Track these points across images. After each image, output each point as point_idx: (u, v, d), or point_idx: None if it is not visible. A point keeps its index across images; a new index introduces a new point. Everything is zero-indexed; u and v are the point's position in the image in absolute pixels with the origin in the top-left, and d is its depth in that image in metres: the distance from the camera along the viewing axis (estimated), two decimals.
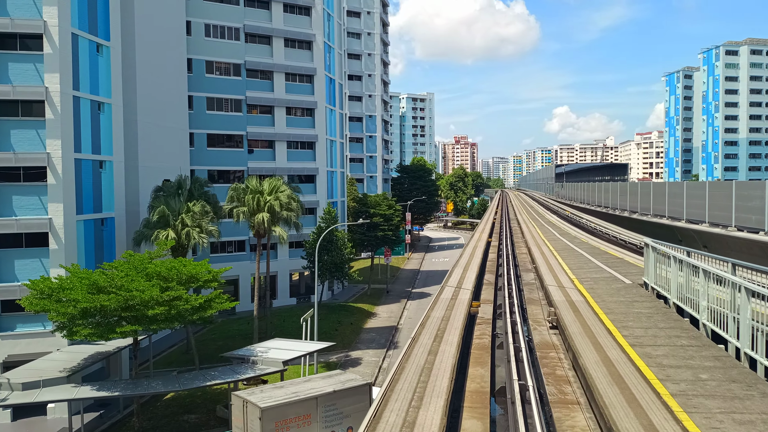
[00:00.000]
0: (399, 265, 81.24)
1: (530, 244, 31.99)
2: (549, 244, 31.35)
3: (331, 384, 21.70)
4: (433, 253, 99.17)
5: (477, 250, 29.80)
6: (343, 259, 48.61)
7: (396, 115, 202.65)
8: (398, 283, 68.43)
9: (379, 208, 57.08)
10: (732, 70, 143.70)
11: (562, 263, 21.76)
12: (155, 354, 41.37)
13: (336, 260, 47.91)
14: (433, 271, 77.55)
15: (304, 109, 57.64)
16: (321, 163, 57.80)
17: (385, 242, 57.95)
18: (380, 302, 57.29)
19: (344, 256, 48.62)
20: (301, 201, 56.39)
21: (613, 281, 16.28)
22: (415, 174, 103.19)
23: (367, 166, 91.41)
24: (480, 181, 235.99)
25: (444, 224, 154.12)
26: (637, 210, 47.06)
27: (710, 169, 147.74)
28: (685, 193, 37.67)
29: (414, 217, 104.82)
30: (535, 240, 34.50)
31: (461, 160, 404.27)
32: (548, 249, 28.60)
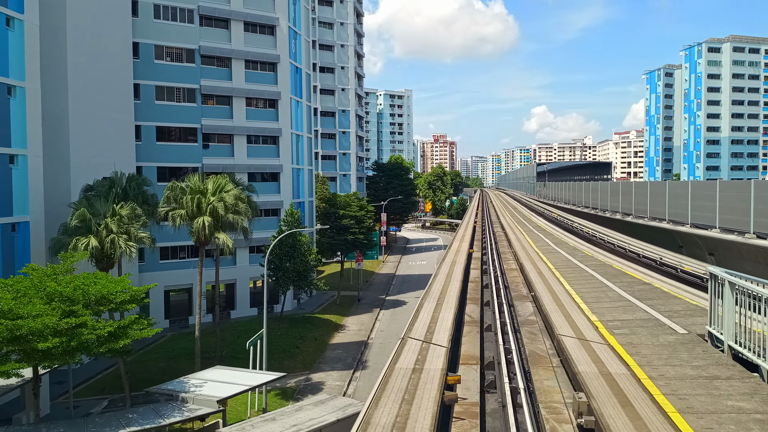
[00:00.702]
0: (373, 269, 76.34)
1: (521, 257, 27.13)
2: (545, 258, 26.52)
3: (328, 411, 17.10)
4: (410, 255, 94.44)
5: (456, 267, 24.94)
6: (307, 267, 43.55)
7: (373, 112, 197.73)
8: (371, 290, 63.48)
9: (350, 209, 52.10)
10: (714, 68, 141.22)
11: (571, 291, 16.78)
12: (87, 378, 35.98)
13: (299, 268, 42.82)
14: (409, 276, 72.77)
15: (267, 101, 52.38)
16: (285, 160, 52.61)
17: (356, 246, 52.99)
18: (350, 312, 52.30)
19: (308, 263, 43.56)
20: (262, 201, 51.35)
21: (657, 328, 11.31)
22: (392, 172, 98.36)
23: (340, 163, 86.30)
24: (459, 180, 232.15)
25: (422, 224, 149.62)
26: (632, 212, 42.70)
27: (692, 168, 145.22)
28: (690, 193, 33.24)
29: (390, 217, 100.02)
30: (526, 251, 29.67)
31: (440, 159, 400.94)
32: (545, 265, 23.74)
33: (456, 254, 29.33)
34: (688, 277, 24.83)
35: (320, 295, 60.28)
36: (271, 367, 35.79)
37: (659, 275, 21.10)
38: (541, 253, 28.71)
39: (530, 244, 32.81)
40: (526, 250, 29.84)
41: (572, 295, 15.97)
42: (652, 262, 29.26)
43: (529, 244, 32.77)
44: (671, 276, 24.54)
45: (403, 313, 52.37)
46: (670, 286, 17.04)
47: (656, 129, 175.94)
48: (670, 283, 18.11)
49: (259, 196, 50.78)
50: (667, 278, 19.91)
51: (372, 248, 55.25)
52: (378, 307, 54.65)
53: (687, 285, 20.70)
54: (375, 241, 55.64)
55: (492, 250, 33.80)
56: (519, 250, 30.26)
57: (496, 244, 36.72)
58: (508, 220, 53.61)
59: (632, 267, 23.07)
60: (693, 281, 24.49)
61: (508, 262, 28.34)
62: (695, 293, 16.61)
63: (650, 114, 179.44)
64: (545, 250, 30.22)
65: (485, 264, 28.44)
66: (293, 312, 50.69)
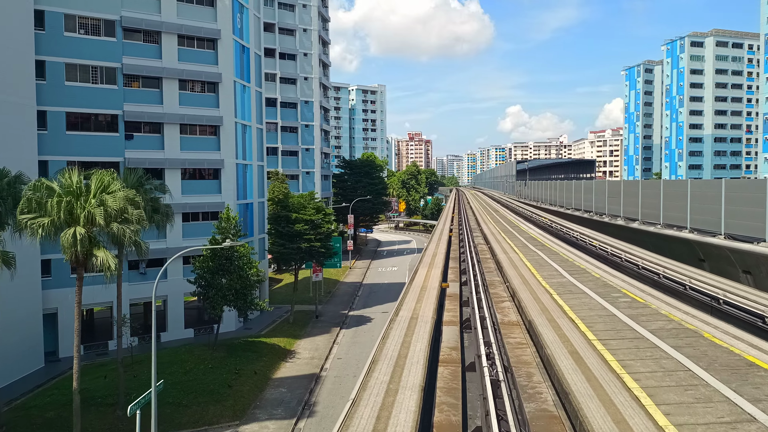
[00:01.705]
0: (338, 278, 68.60)
1: (522, 299, 19.10)
2: (561, 303, 18.50)
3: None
4: (380, 260, 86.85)
5: (418, 325, 17.37)
6: (247, 283, 35.68)
7: (345, 108, 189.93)
8: (333, 303, 55.72)
9: (304, 211, 44.26)
10: (697, 63, 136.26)
11: (645, 400, 9.08)
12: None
13: (235, 285, 34.93)
14: (377, 286, 65.16)
15: (205, 84, 44.31)
16: (228, 154, 44.62)
17: (311, 256, 45.19)
18: (305, 333, 44.50)
19: (248, 279, 35.70)
20: (197, 203, 43.30)
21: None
22: (361, 170, 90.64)
23: (302, 160, 78.32)
24: (434, 179, 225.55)
25: (395, 225, 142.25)
26: (637, 217, 35.72)
27: (673, 167, 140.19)
28: (723, 195, 26.16)
29: (359, 218, 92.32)
30: (528, 285, 21.81)
31: (415, 158, 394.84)
32: (568, 320, 15.77)
33: (422, 291, 21.66)
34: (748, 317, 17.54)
35: (273, 310, 52.32)
36: (191, 418, 27.90)
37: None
38: (552, 290, 20.95)
39: (531, 272, 25.14)
40: (529, 285, 22.22)
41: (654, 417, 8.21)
42: (678, 286, 21.84)
43: (530, 272, 25.10)
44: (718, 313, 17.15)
45: (367, 333, 44.79)
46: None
47: (636, 127, 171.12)
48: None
49: (190, 196, 43.00)
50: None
51: (331, 257, 47.44)
52: (338, 326, 46.92)
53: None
54: (335, 248, 47.90)
55: (475, 278, 26.10)
56: (516, 280, 22.77)
57: (481, 267, 29.03)
58: (492, 227, 46.20)
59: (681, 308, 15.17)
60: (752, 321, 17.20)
61: (503, 306, 20.53)
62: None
63: (629, 111, 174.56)
64: (558, 284, 22.37)
65: (469, 304, 20.60)
66: (236, 335, 42.72)
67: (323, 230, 44.81)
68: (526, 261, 28.12)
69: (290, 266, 46.64)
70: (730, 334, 13.67)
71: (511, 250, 31.44)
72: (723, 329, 14.27)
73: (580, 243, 35.77)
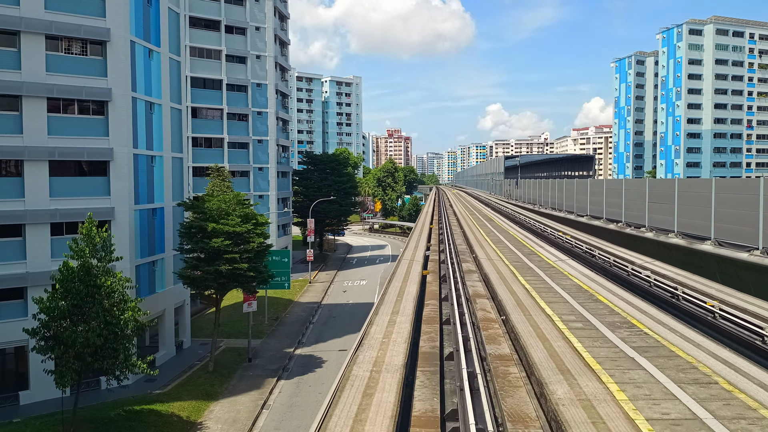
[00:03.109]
0: (293, 296, 56.44)
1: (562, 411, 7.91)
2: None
3: None
4: (348, 270, 74.82)
5: (382, 380, 8.67)
6: (118, 334, 23.47)
7: (318, 100, 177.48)
8: (278, 336, 43.57)
9: (227, 220, 32.06)
10: (696, 53, 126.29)
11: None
12: None
13: (94, 340, 22.64)
14: (339, 308, 53.11)
15: (88, 43, 31.88)
16: (120, 141, 32.21)
17: (236, 280, 32.97)
18: (225, 389, 32.27)
19: (120, 327, 23.49)
20: (68, 209, 30.92)
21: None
22: (327, 166, 78.42)
23: (254, 153, 65.96)
24: (413, 176, 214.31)
25: (370, 227, 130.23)
26: (673, 228, 24.31)
27: (669, 164, 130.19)
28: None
29: (325, 222, 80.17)
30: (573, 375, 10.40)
31: (394, 155, 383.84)
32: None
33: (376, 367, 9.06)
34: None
35: (194, 348, 40.08)
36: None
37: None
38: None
39: (569, 341, 13.90)
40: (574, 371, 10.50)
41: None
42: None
43: (567, 340, 13.88)
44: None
45: (313, 387, 32.79)
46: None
47: (626, 122, 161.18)
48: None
49: (62, 200, 30.54)
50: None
51: (265, 281, 35.22)
52: (276, 375, 34.79)
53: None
54: (268, 270, 35.62)
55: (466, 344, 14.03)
56: (541, 361, 10.89)
57: (478, 325, 17.01)
58: (486, 243, 34.08)
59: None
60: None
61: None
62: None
63: (619, 106, 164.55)
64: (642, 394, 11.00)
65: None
66: (127, 393, 30.33)
67: (253, 245, 32.54)
68: (543, 308, 17.02)
69: (209, 295, 34.25)
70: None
71: (524, 294, 19.58)
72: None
73: (638, 279, 23.68)
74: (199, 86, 63.03)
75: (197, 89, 62.71)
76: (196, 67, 62.23)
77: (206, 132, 63.30)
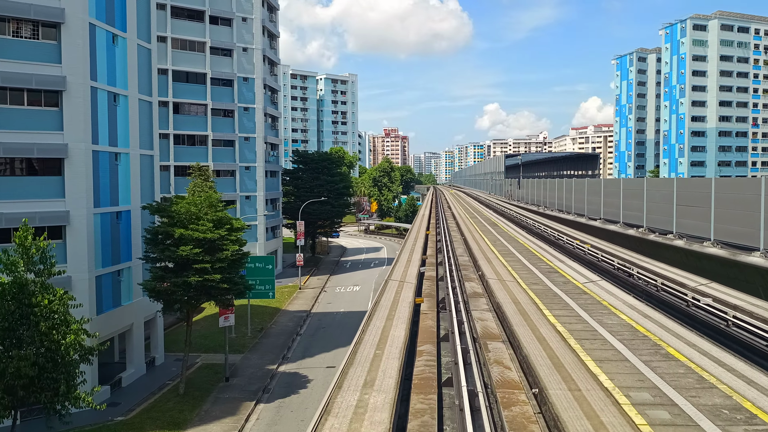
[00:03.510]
0: (281, 305, 52.80)
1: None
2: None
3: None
4: (341, 275, 71.16)
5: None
6: (61, 361, 19.83)
7: (312, 98, 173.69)
8: (261, 350, 39.91)
9: (197, 226, 28.38)
10: (700, 49, 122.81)
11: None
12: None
13: (26, 370, 18.95)
14: (329, 317, 49.48)
15: (39, 25, 28.19)
16: (76, 136, 28.50)
17: (208, 294, 29.30)
18: (195, 415, 28.57)
19: (62, 352, 19.85)
20: (15, 213, 27.19)
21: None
22: (318, 165, 74.68)
23: (240, 152, 62.25)
24: (410, 176, 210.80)
25: (365, 229, 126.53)
26: (708, 236, 20.63)
27: (673, 163, 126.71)
28: None
29: (317, 224, 76.50)
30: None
31: (391, 155, 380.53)
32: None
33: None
34: None
35: (167, 364, 36.39)
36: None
37: None
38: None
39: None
40: None
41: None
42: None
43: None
44: None
45: (296, 413, 29.15)
46: None
47: (628, 120, 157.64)
48: None
49: (8, 203, 26.87)
50: None
51: (242, 293, 31.54)
52: (254, 397, 31.12)
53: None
54: (247, 281, 31.95)
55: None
56: None
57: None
58: (497, 266, 30.28)
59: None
60: None
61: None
62: None
63: (620, 104, 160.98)
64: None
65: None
66: (82, 421, 26.65)
67: (226, 255, 28.85)
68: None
69: (179, 309, 30.50)
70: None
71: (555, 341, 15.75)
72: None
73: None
74: (182, 80, 59.33)
75: (180, 83, 59.00)
76: (179, 60, 58.52)
77: (190, 129, 59.61)
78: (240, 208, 62.09)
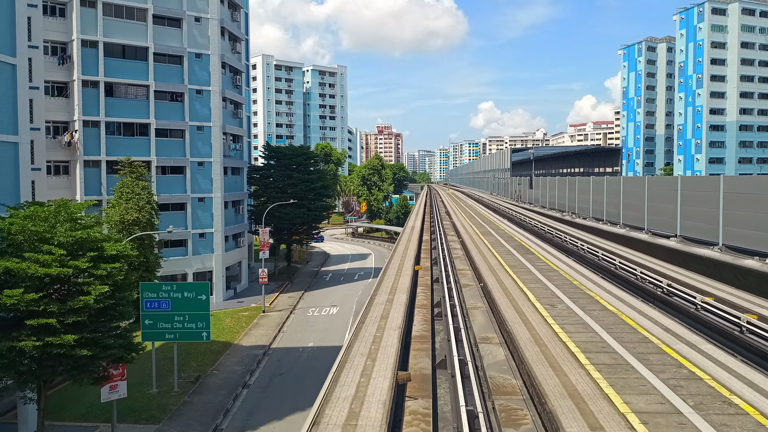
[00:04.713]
0: (233, 337, 41.65)
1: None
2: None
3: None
4: (318, 290, 59.96)
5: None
6: None
7: (299, 91, 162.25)
8: (184, 418, 28.56)
9: (36, 256, 17.01)
10: (719, 35, 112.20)
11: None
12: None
13: None
14: (293, 354, 38.24)
15: None
16: None
17: (58, 363, 17.96)
18: None
19: None
20: None
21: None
22: (292, 161, 63.36)
23: (191, 144, 50.94)
24: (403, 174, 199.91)
25: (353, 232, 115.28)
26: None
27: (689, 160, 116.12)
28: None
29: (292, 230, 65.17)
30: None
31: (385, 152, 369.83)
32: None
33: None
34: None
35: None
36: None
37: None
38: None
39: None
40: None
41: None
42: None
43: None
44: None
45: None
46: None
47: (636, 114, 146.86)
48: None
49: None
50: None
51: (123, 359, 20.23)
52: None
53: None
54: (128, 339, 20.60)
55: None
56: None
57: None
58: (563, 358, 19.07)
59: None
60: None
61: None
62: None
63: (628, 97, 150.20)
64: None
65: None
66: None
67: (87, 301, 17.54)
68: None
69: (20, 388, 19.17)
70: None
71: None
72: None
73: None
74: (116, 55, 48.01)
75: (114, 59, 47.69)
76: (113, 31, 47.17)
77: (127, 115, 48.27)
78: (191, 212, 50.81)
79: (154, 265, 41.14)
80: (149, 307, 29.78)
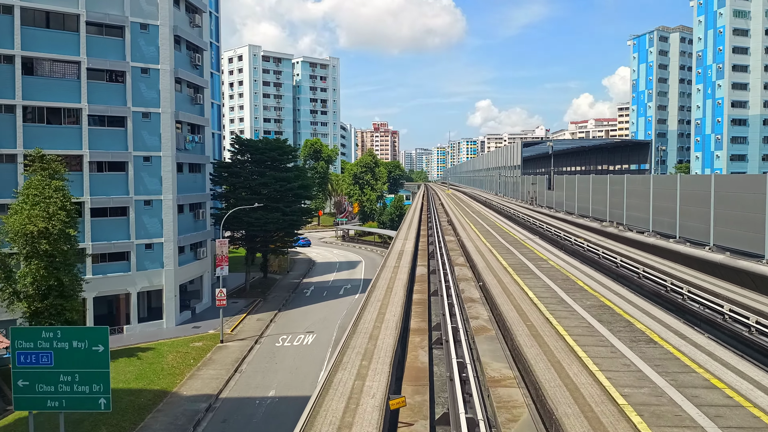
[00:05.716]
0: (171, 384, 32.27)
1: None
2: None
3: None
4: (295, 309, 50.60)
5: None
6: None
7: (288, 84, 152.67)
8: None
9: None
10: (742, 21, 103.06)
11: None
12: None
13: None
14: (246, 408, 28.75)
15: None
16: None
17: None
18: None
19: None
20: None
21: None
22: (266, 156, 53.86)
23: (135, 134, 41.49)
24: (399, 172, 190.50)
25: (343, 235, 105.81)
26: None
27: (708, 157, 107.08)
28: None
29: (267, 237, 55.69)
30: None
31: (381, 150, 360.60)
32: None
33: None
34: None
35: None
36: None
37: None
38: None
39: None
40: None
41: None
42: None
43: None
44: None
45: None
46: None
47: (647, 108, 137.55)
48: None
49: None
50: None
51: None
52: None
53: None
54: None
55: None
56: None
57: None
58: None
59: None
60: None
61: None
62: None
63: (638, 90, 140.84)
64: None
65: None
66: None
67: None
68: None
69: None
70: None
71: None
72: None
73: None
74: (38, 24, 38.63)
75: (35, 29, 38.33)
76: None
77: (52, 98, 38.85)
78: (135, 218, 41.40)
79: (72, 289, 31.96)
80: (24, 362, 20.47)
